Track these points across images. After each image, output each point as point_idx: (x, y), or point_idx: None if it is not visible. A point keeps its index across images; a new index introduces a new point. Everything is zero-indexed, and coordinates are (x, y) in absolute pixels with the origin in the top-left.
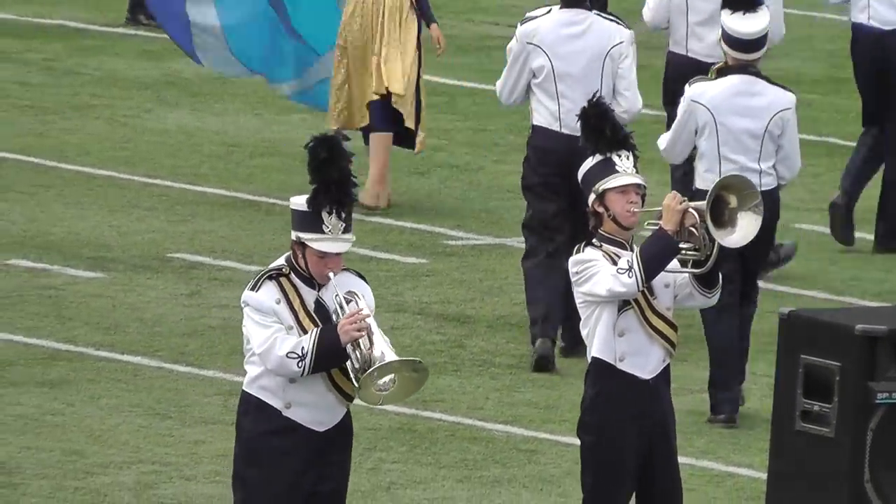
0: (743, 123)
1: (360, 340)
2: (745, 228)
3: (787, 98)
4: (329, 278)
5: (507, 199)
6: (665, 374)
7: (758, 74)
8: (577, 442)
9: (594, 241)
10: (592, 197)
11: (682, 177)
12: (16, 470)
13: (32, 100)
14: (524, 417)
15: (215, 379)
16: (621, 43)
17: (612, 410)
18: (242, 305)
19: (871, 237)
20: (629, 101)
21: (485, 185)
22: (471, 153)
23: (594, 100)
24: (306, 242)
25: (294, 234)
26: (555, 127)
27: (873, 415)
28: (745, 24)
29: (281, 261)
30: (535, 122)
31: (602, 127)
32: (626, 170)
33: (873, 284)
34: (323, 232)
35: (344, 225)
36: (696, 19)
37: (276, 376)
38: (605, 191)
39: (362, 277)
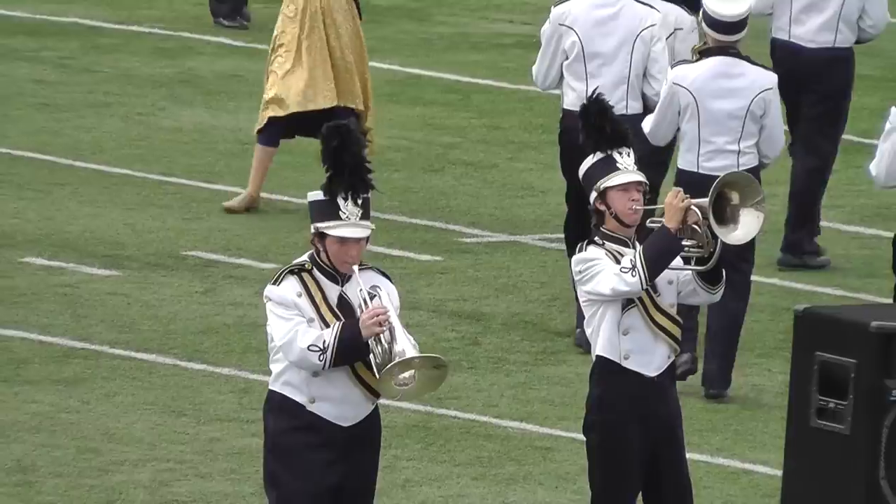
0: (724, 105)
1: (382, 335)
2: (747, 225)
3: (769, 78)
4: (351, 268)
5: (522, 197)
6: (671, 372)
7: (738, 55)
8: None
9: (596, 239)
10: (594, 195)
11: None
12: (31, 468)
13: (47, 98)
14: (539, 414)
15: (230, 376)
16: (652, 26)
17: (618, 409)
18: (265, 301)
19: (887, 234)
20: (661, 84)
21: (499, 183)
22: (485, 150)
23: (594, 97)
24: (325, 231)
25: (313, 227)
26: None
27: (888, 412)
28: (727, 7)
29: (304, 257)
30: (564, 106)
31: (602, 124)
32: (626, 167)
33: (888, 281)
34: (340, 219)
35: (361, 211)
36: (799, 5)
37: (300, 371)
38: (606, 189)
39: (387, 276)
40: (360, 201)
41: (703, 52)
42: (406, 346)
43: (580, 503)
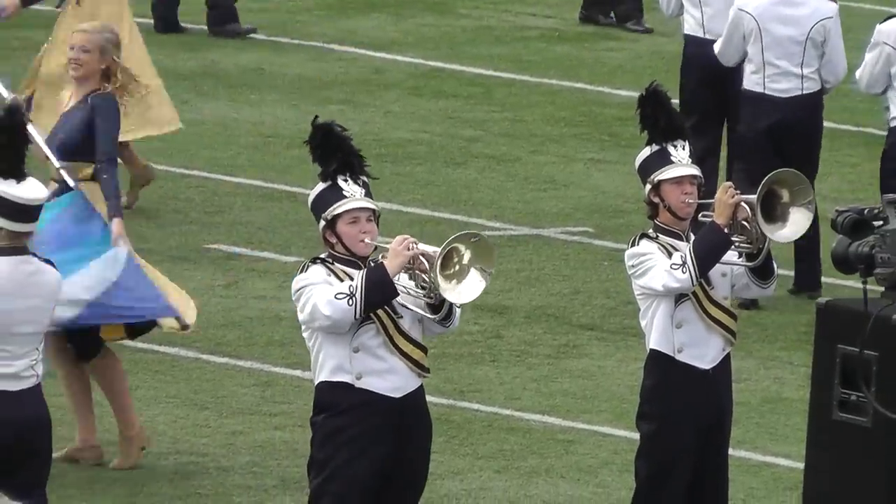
0: (785, 31)
1: (417, 265)
2: (796, 223)
3: (829, 7)
4: (368, 246)
5: (544, 190)
6: (725, 364)
7: None
8: (615, 432)
9: (650, 232)
10: (648, 188)
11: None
12: (53, 461)
13: None
14: (561, 408)
15: (252, 369)
16: None
17: (671, 400)
18: (295, 297)
19: None
20: None
21: (521, 176)
22: (507, 144)
23: (651, 87)
24: (334, 212)
25: (322, 221)
26: (699, 34)
27: None
28: None
29: (322, 256)
30: (684, 32)
31: (657, 116)
32: (681, 160)
33: None
34: (346, 197)
35: (363, 190)
36: None
37: (339, 353)
38: (660, 182)
39: None
40: (360, 182)
41: None
42: (434, 248)
43: (602, 496)
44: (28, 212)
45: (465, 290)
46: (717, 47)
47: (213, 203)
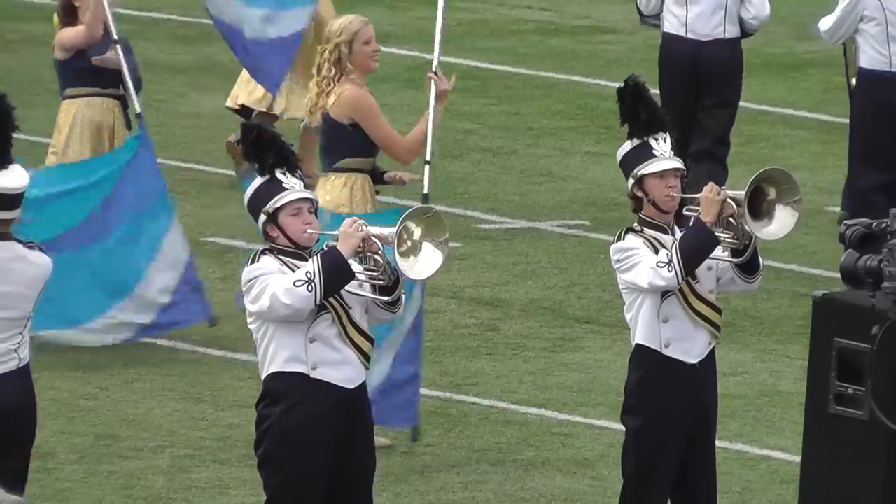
0: None
1: (368, 247)
2: (782, 221)
3: None
4: (312, 236)
5: (541, 183)
6: (711, 358)
7: None
8: (612, 425)
9: (635, 226)
10: (631, 182)
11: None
12: (49, 454)
13: None
14: (558, 401)
15: (249, 362)
16: None
17: (657, 395)
18: (246, 287)
19: None
20: (756, 7)
21: (518, 169)
22: (504, 136)
23: (631, 80)
24: (276, 204)
25: (262, 216)
26: (681, 33)
27: None
28: None
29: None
30: (664, 30)
31: (637, 109)
32: (663, 153)
33: None
34: (286, 189)
35: (301, 182)
36: None
37: (294, 343)
38: (643, 176)
39: None
40: (297, 174)
41: None
42: (387, 230)
43: (598, 489)
44: (9, 200)
45: (423, 264)
46: (825, 25)
47: (209, 196)
